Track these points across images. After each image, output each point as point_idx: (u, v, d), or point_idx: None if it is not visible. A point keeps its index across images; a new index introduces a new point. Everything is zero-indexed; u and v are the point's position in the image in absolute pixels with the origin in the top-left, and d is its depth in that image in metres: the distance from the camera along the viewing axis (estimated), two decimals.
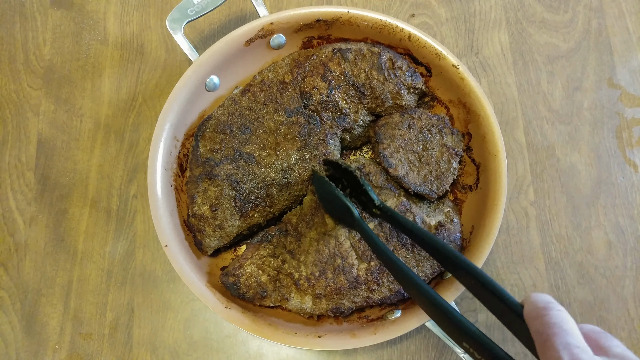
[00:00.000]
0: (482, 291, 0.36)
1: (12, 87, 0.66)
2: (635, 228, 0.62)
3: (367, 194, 0.48)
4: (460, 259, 0.38)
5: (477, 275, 0.36)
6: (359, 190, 0.49)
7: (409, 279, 0.40)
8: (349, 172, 0.50)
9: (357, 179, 0.49)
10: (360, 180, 0.49)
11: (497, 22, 0.68)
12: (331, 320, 0.54)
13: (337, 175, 0.52)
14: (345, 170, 0.50)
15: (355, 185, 0.50)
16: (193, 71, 0.55)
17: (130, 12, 0.68)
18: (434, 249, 0.41)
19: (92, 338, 0.59)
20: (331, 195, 0.48)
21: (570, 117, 0.65)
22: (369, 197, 0.48)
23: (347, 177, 0.51)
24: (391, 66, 0.57)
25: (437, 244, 0.41)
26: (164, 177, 0.54)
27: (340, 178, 0.52)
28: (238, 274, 0.53)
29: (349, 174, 0.50)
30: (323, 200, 0.51)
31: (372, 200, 0.48)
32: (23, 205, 0.62)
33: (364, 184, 0.48)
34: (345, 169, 0.50)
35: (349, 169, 0.49)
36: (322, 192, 0.50)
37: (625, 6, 0.69)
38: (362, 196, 0.49)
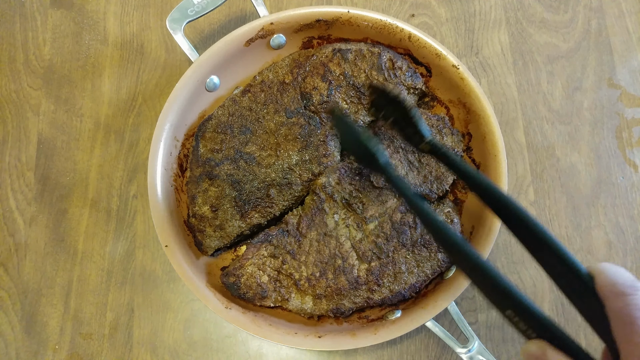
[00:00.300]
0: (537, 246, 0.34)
1: (12, 87, 0.66)
2: (635, 228, 0.62)
3: (415, 127, 0.45)
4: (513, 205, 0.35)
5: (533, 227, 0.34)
6: (405, 122, 0.46)
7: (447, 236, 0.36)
8: (396, 101, 0.46)
9: (405, 109, 0.45)
10: (410, 112, 0.45)
11: (497, 22, 0.68)
12: (331, 321, 0.54)
13: (382, 102, 0.49)
14: (392, 99, 0.46)
15: (401, 115, 0.46)
16: (193, 71, 0.55)
17: (130, 12, 0.68)
18: (484, 192, 0.38)
19: (92, 338, 0.59)
20: (354, 138, 0.44)
21: (570, 117, 0.65)
22: (418, 131, 0.44)
23: (392, 106, 0.47)
24: (391, 66, 0.57)
25: (488, 187, 0.38)
26: (164, 177, 0.54)
27: (385, 106, 0.48)
28: (238, 274, 0.53)
29: (395, 103, 0.46)
30: (345, 141, 0.47)
31: (422, 135, 0.44)
32: (23, 205, 0.62)
33: (415, 116, 0.45)
34: (393, 98, 0.46)
35: (397, 98, 0.46)
36: (344, 133, 0.46)
37: (625, 6, 0.69)
38: (409, 128, 0.46)
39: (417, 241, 0.53)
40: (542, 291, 0.60)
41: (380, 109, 0.48)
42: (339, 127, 0.47)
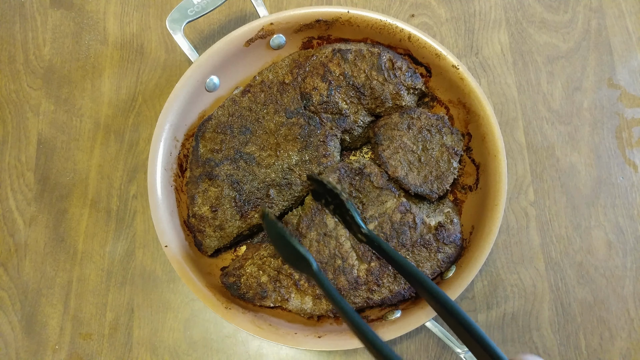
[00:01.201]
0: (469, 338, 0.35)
1: (12, 87, 0.66)
2: (635, 228, 0.62)
3: (353, 218, 0.46)
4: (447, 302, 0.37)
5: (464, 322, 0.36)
6: (344, 210, 0.47)
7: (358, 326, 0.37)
8: (334, 192, 0.47)
9: (342, 201, 0.46)
10: (346, 205, 0.46)
11: (497, 23, 0.68)
12: (331, 321, 0.54)
13: (321, 191, 0.50)
14: (330, 190, 0.48)
15: (340, 204, 0.47)
16: (193, 71, 0.55)
17: (130, 12, 0.68)
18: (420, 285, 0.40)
19: (92, 338, 0.59)
20: (284, 241, 0.42)
21: (570, 118, 0.65)
22: (355, 222, 0.46)
23: (331, 195, 0.48)
24: (391, 67, 0.57)
25: (423, 281, 0.40)
26: (164, 177, 0.54)
27: (324, 194, 0.49)
28: (238, 274, 0.53)
29: (333, 194, 0.48)
30: (276, 244, 0.45)
31: (359, 225, 0.46)
32: (23, 206, 0.62)
33: (351, 209, 0.46)
34: (330, 189, 0.47)
35: (334, 190, 0.47)
36: (275, 235, 0.44)
37: (625, 6, 0.69)
38: (347, 216, 0.47)
39: (416, 241, 0.53)
40: (541, 291, 0.60)
41: (320, 197, 0.49)
42: (269, 228, 0.45)
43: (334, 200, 0.48)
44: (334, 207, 0.49)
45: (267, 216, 0.45)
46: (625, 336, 0.59)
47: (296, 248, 0.41)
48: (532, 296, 0.60)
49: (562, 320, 0.59)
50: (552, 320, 0.59)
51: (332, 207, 0.49)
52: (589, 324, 0.59)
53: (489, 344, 0.34)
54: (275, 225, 0.43)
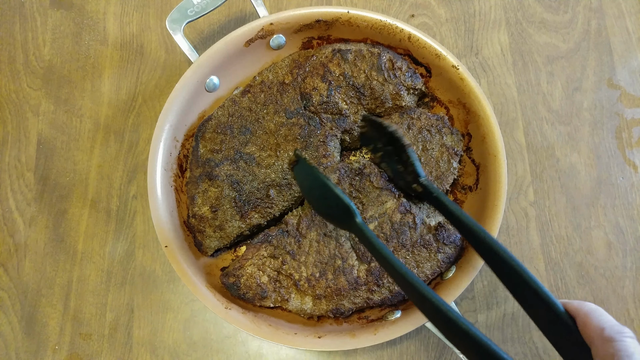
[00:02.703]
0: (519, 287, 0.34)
1: (12, 88, 0.66)
2: (635, 228, 0.62)
3: (411, 166, 0.42)
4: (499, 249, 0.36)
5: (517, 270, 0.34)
6: (398, 158, 0.43)
7: (411, 283, 0.37)
8: (394, 137, 0.43)
9: (403, 146, 0.42)
10: (407, 151, 0.42)
11: (497, 23, 0.68)
12: (331, 321, 0.54)
13: (373, 136, 0.46)
14: (388, 134, 0.43)
15: (393, 153, 0.43)
16: (193, 72, 0.55)
17: (130, 12, 0.68)
18: (475, 237, 0.39)
19: (91, 338, 0.59)
20: (324, 189, 0.38)
21: (570, 118, 0.65)
22: (413, 170, 0.42)
23: (386, 140, 0.44)
24: (391, 67, 0.57)
25: (478, 232, 0.39)
26: (163, 177, 0.54)
27: (375, 139, 0.45)
28: (238, 274, 0.53)
29: (392, 139, 0.43)
30: (310, 192, 0.41)
31: (417, 175, 0.42)
32: (23, 206, 0.62)
33: (412, 156, 0.42)
34: (389, 133, 0.43)
35: (395, 134, 0.43)
36: (309, 183, 0.40)
37: (624, 6, 0.69)
38: (401, 165, 0.43)
39: (416, 242, 0.53)
40: None
41: (369, 142, 0.45)
42: (303, 174, 0.40)
43: (388, 146, 0.44)
44: (383, 154, 0.45)
45: (304, 160, 0.40)
46: None
47: (340, 197, 0.38)
48: None
49: None
50: None
51: (379, 155, 0.46)
52: None
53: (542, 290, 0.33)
54: (313, 170, 0.39)
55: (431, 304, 0.35)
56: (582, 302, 0.32)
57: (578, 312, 0.32)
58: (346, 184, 0.54)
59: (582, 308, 0.32)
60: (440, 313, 0.35)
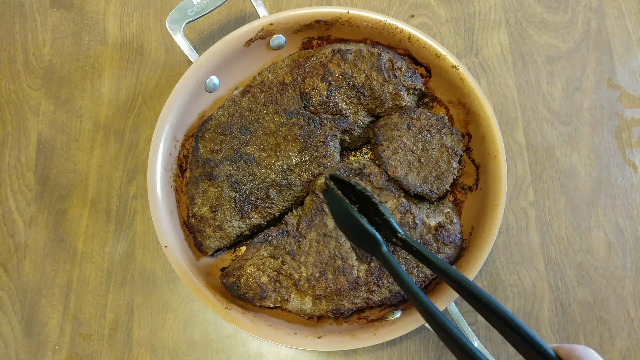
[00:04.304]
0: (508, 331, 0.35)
1: (12, 88, 0.66)
2: (635, 229, 0.62)
3: (387, 222, 0.44)
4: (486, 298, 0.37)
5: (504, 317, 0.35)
6: (373, 212, 0.45)
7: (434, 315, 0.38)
8: (364, 195, 0.44)
9: (375, 204, 0.44)
10: (380, 208, 0.44)
11: (497, 23, 0.68)
12: (331, 321, 0.54)
13: (345, 190, 0.48)
14: (359, 192, 0.45)
15: (369, 206, 0.45)
16: (193, 72, 0.55)
17: (129, 12, 0.68)
18: (462, 288, 0.39)
19: (91, 338, 0.59)
20: (351, 219, 0.42)
21: (570, 118, 0.65)
22: (391, 226, 0.44)
23: (359, 196, 0.46)
24: (391, 67, 0.57)
25: (461, 281, 0.39)
26: (163, 177, 0.54)
27: (348, 193, 0.47)
28: (238, 274, 0.53)
29: (360, 195, 0.45)
30: (339, 220, 0.45)
31: (395, 230, 0.43)
32: (23, 206, 0.62)
33: (385, 213, 0.43)
34: (359, 191, 0.45)
35: (365, 192, 0.44)
36: (338, 212, 0.43)
37: (624, 7, 0.69)
38: (377, 217, 0.45)
39: None
40: (541, 292, 0.60)
41: (345, 195, 0.47)
42: (333, 203, 0.43)
43: (361, 201, 0.46)
44: (360, 206, 0.47)
45: (332, 191, 0.42)
46: (625, 336, 0.59)
47: (365, 228, 0.40)
48: (532, 296, 0.60)
49: (561, 321, 0.59)
50: (552, 320, 0.59)
51: (357, 206, 0.47)
52: (589, 325, 0.59)
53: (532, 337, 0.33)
54: (341, 201, 0.41)
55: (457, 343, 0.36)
56: (573, 347, 0.32)
57: (570, 357, 0.31)
58: None
59: (573, 352, 0.31)
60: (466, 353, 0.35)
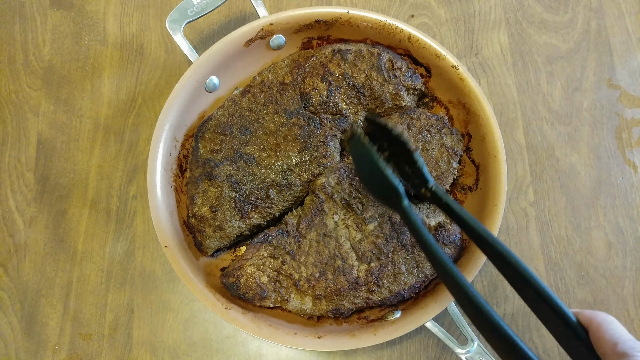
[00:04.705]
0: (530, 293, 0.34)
1: (12, 88, 0.66)
2: (635, 229, 0.62)
3: (419, 171, 0.42)
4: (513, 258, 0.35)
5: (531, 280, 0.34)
6: (405, 160, 0.43)
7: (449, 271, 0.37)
8: (398, 140, 0.42)
9: (409, 150, 0.41)
10: (414, 156, 0.41)
11: (497, 23, 0.68)
12: (331, 321, 0.54)
13: (377, 135, 0.45)
14: (393, 137, 0.42)
15: (401, 154, 0.43)
16: (193, 72, 0.55)
17: (129, 12, 0.68)
18: (486, 244, 0.38)
19: (91, 338, 0.59)
20: (374, 169, 0.39)
21: (570, 118, 0.65)
22: (421, 175, 0.42)
23: (391, 142, 0.43)
24: (391, 67, 0.57)
25: (488, 237, 0.37)
26: (163, 177, 0.54)
27: (381, 140, 0.44)
28: (238, 274, 0.53)
29: (397, 142, 0.42)
30: (361, 169, 0.42)
31: (426, 180, 0.41)
32: (23, 206, 0.62)
33: (419, 161, 0.41)
34: (395, 136, 0.42)
35: (400, 138, 0.42)
36: (362, 161, 0.41)
37: (624, 7, 0.69)
38: (407, 166, 0.43)
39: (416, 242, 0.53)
40: None
41: (373, 141, 0.44)
42: (356, 150, 0.42)
43: (394, 147, 0.44)
44: (390, 154, 0.45)
45: (359, 138, 0.40)
46: None
47: (389, 179, 0.38)
48: None
49: None
50: None
51: (386, 154, 0.45)
52: None
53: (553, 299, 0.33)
54: (367, 149, 0.39)
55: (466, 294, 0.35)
56: (595, 313, 0.31)
57: (591, 323, 0.31)
58: (346, 184, 0.54)
59: (594, 319, 0.31)
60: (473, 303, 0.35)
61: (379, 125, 0.44)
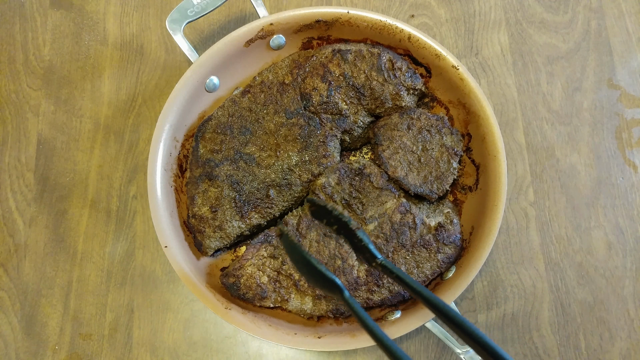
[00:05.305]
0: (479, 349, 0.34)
1: (12, 88, 0.66)
2: (635, 229, 0.62)
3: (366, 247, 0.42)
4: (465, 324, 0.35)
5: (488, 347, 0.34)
6: (354, 236, 0.43)
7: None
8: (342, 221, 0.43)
9: (353, 230, 0.43)
10: (358, 234, 0.42)
11: (497, 23, 0.68)
12: (331, 321, 0.54)
13: (323, 213, 0.46)
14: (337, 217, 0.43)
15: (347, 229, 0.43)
16: (193, 72, 0.55)
17: (129, 12, 0.68)
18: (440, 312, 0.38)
19: (91, 338, 0.59)
20: (308, 265, 0.40)
21: (570, 118, 0.65)
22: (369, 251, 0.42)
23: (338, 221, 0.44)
24: (391, 67, 0.57)
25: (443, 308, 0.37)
26: (163, 177, 0.54)
27: (327, 216, 0.45)
28: (238, 274, 0.53)
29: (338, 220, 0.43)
30: (296, 264, 0.42)
31: (374, 256, 0.42)
32: (23, 206, 0.62)
33: (364, 238, 0.42)
34: (337, 216, 0.43)
35: (342, 218, 0.43)
36: (295, 257, 0.41)
37: (624, 7, 0.69)
38: (356, 240, 0.43)
39: (416, 242, 0.53)
40: (541, 292, 0.60)
41: (320, 218, 0.45)
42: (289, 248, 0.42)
43: (339, 224, 0.45)
44: (339, 227, 0.45)
45: (287, 236, 0.41)
46: (625, 336, 0.59)
47: (325, 275, 0.38)
48: (532, 297, 0.60)
49: (562, 321, 0.59)
50: (552, 320, 0.59)
51: (335, 228, 0.45)
52: (589, 325, 0.59)
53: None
54: (297, 248, 0.40)
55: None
56: None
57: None
58: (346, 184, 0.54)
59: None
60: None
61: (320, 206, 0.45)
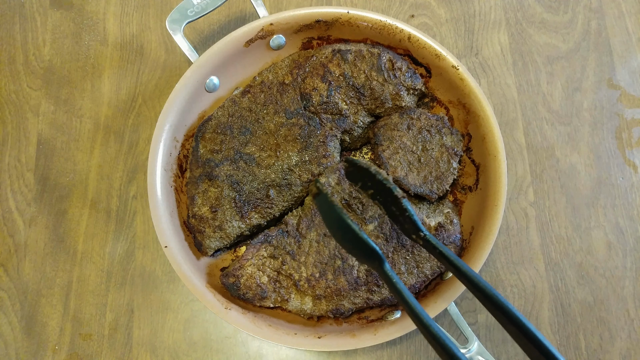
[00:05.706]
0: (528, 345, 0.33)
1: (12, 88, 0.66)
2: (635, 229, 0.62)
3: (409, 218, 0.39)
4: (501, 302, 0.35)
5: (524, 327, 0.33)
6: (391, 202, 0.40)
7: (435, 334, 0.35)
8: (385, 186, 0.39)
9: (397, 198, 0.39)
10: (402, 203, 0.39)
11: (497, 23, 0.68)
12: (331, 321, 0.54)
13: (358, 176, 0.42)
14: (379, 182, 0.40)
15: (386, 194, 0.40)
16: (193, 72, 0.55)
17: (129, 12, 0.68)
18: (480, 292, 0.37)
19: (91, 338, 0.59)
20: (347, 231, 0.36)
21: (570, 118, 0.65)
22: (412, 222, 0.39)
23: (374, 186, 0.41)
24: (391, 67, 0.57)
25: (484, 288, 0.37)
26: (163, 177, 0.54)
27: (364, 179, 0.42)
28: (238, 274, 0.53)
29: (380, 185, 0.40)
30: (332, 229, 0.38)
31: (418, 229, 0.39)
32: (23, 206, 0.62)
33: (408, 208, 0.39)
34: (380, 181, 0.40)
35: (387, 184, 0.39)
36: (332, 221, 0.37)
37: (624, 7, 0.69)
38: (395, 209, 0.40)
39: None
40: (541, 292, 0.60)
41: (355, 180, 0.41)
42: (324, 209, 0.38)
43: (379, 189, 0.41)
44: (375, 193, 0.42)
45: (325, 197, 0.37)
46: (625, 337, 0.59)
47: (368, 243, 0.36)
48: (532, 297, 0.60)
49: (562, 321, 0.59)
50: (552, 320, 0.59)
51: (370, 193, 0.43)
52: (589, 325, 0.59)
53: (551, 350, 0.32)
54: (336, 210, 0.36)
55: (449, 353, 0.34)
56: None
57: None
58: (346, 184, 0.54)
59: None
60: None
61: (360, 167, 0.41)
